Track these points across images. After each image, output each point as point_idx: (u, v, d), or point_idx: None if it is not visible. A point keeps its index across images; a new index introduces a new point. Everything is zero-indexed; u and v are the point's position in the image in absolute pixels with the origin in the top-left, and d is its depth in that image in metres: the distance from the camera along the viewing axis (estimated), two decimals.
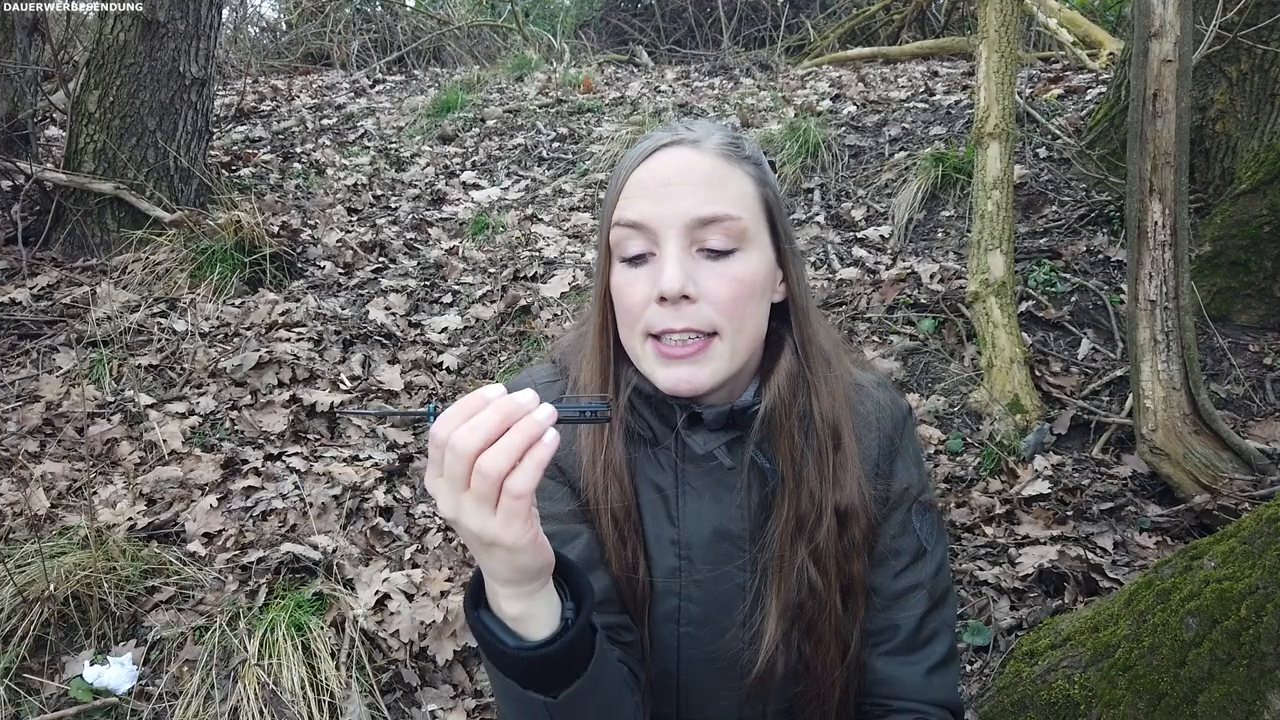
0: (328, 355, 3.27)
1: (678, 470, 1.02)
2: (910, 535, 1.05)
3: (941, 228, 3.75)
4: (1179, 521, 2.25)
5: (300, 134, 5.77)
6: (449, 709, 1.99)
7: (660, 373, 0.95)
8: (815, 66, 6.79)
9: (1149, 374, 2.33)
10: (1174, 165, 2.28)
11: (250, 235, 3.74)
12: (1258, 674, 1.21)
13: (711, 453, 1.00)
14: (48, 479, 2.55)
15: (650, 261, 0.94)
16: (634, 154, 0.99)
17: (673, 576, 1.02)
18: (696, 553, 1.01)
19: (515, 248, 4.03)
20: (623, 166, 0.99)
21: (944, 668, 1.05)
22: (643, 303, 0.94)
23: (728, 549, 1.01)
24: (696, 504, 1.02)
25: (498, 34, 8.69)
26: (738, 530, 1.01)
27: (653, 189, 0.94)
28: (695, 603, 1.02)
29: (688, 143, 0.96)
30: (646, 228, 0.93)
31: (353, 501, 2.51)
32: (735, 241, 0.93)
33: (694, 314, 0.92)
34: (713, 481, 1.02)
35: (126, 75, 3.89)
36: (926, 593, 1.04)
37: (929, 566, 1.05)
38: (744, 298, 0.94)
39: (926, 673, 1.03)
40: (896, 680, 1.04)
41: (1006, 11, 3.19)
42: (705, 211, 0.92)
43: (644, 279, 0.94)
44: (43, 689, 1.94)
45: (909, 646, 1.04)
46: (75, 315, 3.39)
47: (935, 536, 1.07)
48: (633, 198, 0.95)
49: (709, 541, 1.01)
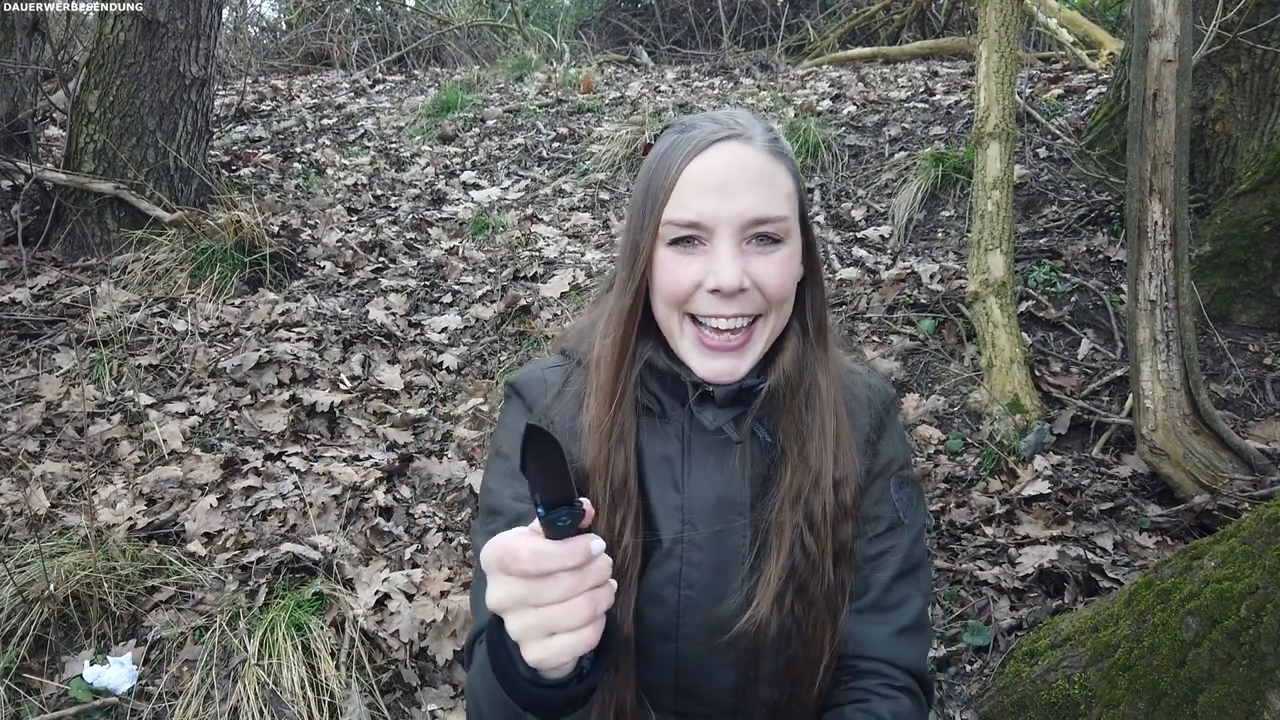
0: (328, 355, 3.27)
1: (685, 441, 1.08)
2: (888, 504, 1.10)
3: (941, 228, 3.75)
4: (1179, 521, 2.24)
5: (300, 134, 5.77)
6: (449, 709, 1.99)
7: (700, 362, 1.02)
8: (815, 66, 6.79)
9: (1149, 374, 2.33)
10: (1174, 165, 2.28)
11: (250, 235, 3.74)
12: (1258, 674, 1.21)
13: (720, 428, 1.06)
14: (48, 479, 2.55)
15: (699, 249, 0.99)
16: (680, 146, 1.00)
17: (676, 541, 1.06)
18: (699, 517, 1.06)
19: (515, 248, 4.03)
20: (669, 157, 1.00)
21: (913, 633, 1.08)
22: (690, 288, 0.99)
23: (729, 515, 1.06)
24: (701, 473, 1.07)
25: (498, 34, 8.69)
26: (739, 498, 1.06)
27: (711, 187, 0.97)
28: (696, 566, 1.06)
29: (741, 138, 1.00)
30: (704, 225, 0.98)
31: (353, 501, 2.50)
32: (781, 235, 1.00)
33: (745, 302, 0.99)
34: (717, 452, 1.07)
35: (126, 75, 3.89)
36: (900, 558, 1.09)
37: (905, 536, 1.10)
38: (787, 285, 1.02)
39: (894, 634, 1.07)
40: (864, 638, 1.07)
41: (1006, 11, 3.19)
42: (761, 212, 0.98)
43: (694, 266, 0.99)
44: (43, 689, 1.94)
45: (878, 606, 1.08)
46: (75, 315, 3.39)
47: (913, 510, 1.11)
48: (689, 194, 0.98)
49: (712, 507, 1.06)
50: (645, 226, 1.01)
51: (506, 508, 1.08)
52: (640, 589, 1.06)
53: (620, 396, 1.05)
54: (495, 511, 1.09)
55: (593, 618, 0.71)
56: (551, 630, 0.71)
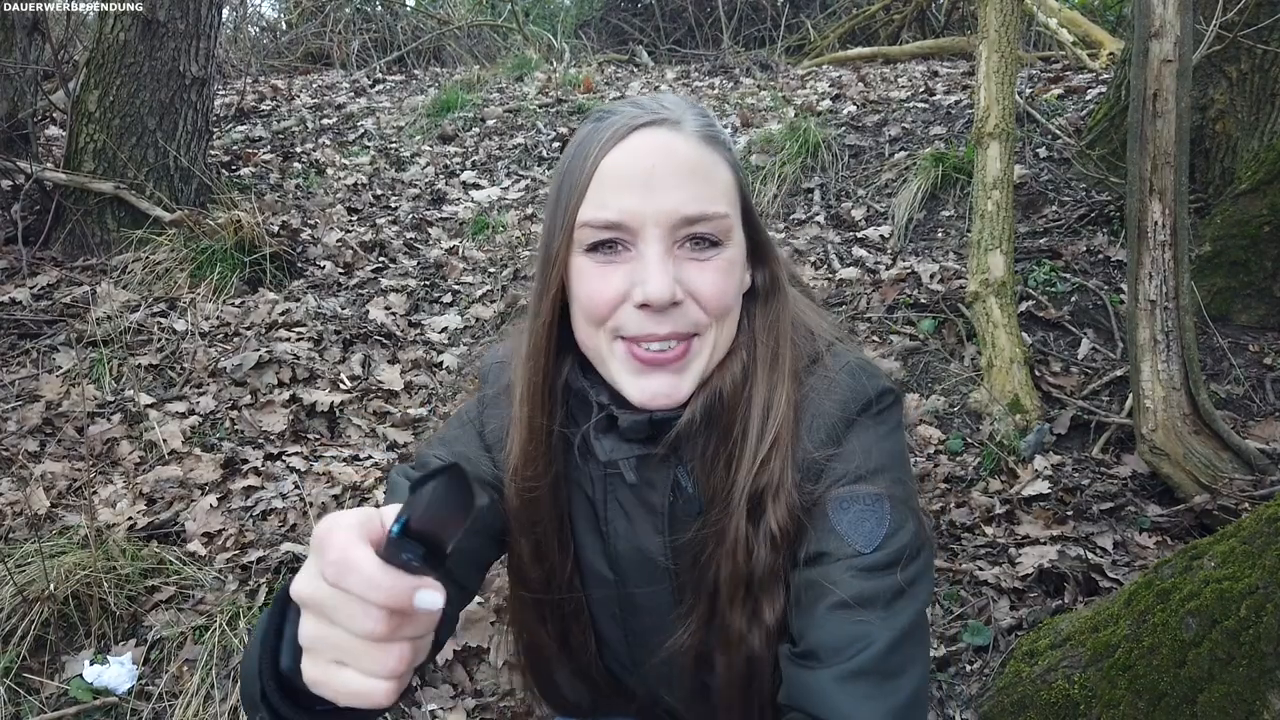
0: (328, 355, 3.27)
1: (605, 483, 0.95)
2: (827, 531, 0.86)
3: (941, 228, 3.75)
4: (1179, 521, 2.24)
5: (300, 134, 5.77)
6: (449, 709, 1.99)
7: (633, 384, 0.86)
8: (815, 66, 6.79)
9: (1149, 374, 2.33)
10: (1174, 165, 2.28)
11: (250, 235, 3.74)
12: (1258, 674, 1.21)
13: (615, 462, 0.91)
14: (48, 479, 2.55)
15: (622, 255, 0.84)
16: (601, 132, 0.85)
17: (604, 584, 0.98)
18: (625, 568, 0.97)
19: (515, 247, 4.03)
20: (584, 148, 0.85)
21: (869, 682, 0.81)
22: (614, 302, 0.84)
23: (653, 571, 0.95)
24: (621, 521, 0.95)
25: (498, 34, 8.69)
26: (661, 559, 0.94)
27: (633, 180, 0.82)
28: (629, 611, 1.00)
29: (668, 124, 0.85)
30: (626, 226, 0.83)
31: (353, 501, 2.50)
32: (720, 236, 0.85)
33: (679, 317, 0.84)
34: (635, 501, 0.94)
35: (126, 75, 3.89)
36: (845, 589, 0.83)
37: (854, 564, 0.84)
38: (729, 294, 0.86)
39: (836, 681, 0.81)
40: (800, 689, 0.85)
41: (1006, 11, 3.19)
42: (694, 209, 0.83)
43: (617, 276, 0.84)
44: (43, 689, 1.94)
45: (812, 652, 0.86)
46: (75, 315, 3.39)
47: (876, 536, 0.85)
48: (609, 189, 0.83)
49: (636, 561, 0.96)
50: (558, 230, 0.86)
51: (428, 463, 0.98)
52: (584, 597, 1.03)
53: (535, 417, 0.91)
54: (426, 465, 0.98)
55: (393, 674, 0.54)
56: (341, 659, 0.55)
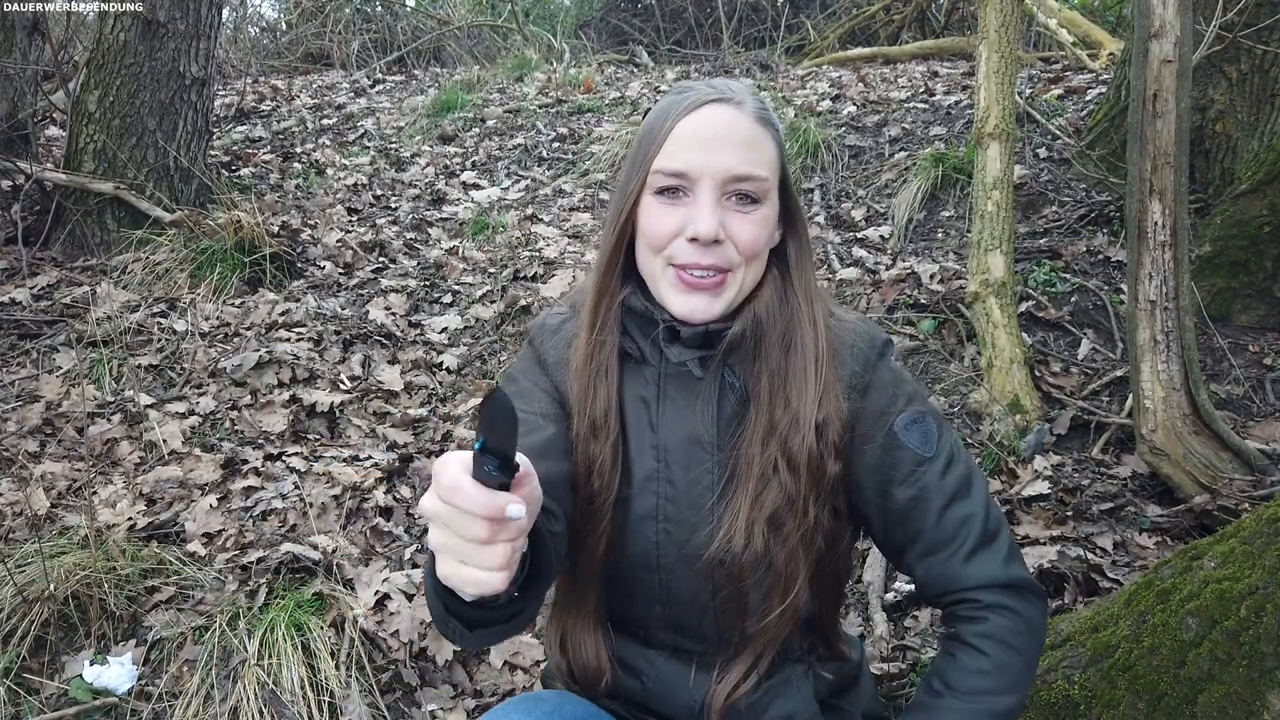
0: (328, 355, 3.27)
1: (660, 383, 1.15)
2: (902, 449, 1.12)
3: (941, 228, 3.75)
4: (1179, 522, 2.24)
5: (300, 134, 5.77)
6: (449, 709, 1.99)
7: (677, 299, 1.07)
8: (815, 66, 6.79)
9: (1149, 374, 2.33)
10: (1174, 165, 2.28)
11: (250, 235, 3.74)
12: (1258, 674, 1.21)
13: (684, 363, 1.12)
14: (48, 479, 2.55)
15: (682, 200, 1.06)
16: (675, 104, 1.07)
17: (651, 478, 1.13)
18: (672, 455, 1.13)
19: (515, 248, 4.03)
20: (664, 113, 1.08)
21: (983, 550, 1.10)
22: (670, 235, 1.06)
23: (698, 453, 1.12)
24: (673, 412, 1.14)
25: (498, 34, 8.69)
26: (706, 436, 1.12)
27: (699, 141, 1.04)
28: (671, 500, 1.13)
29: (732, 102, 1.07)
30: (689, 176, 1.05)
31: (353, 501, 2.50)
32: (760, 195, 1.07)
33: (720, 253, 1.05)
34: (688, 394, 1.13)
35: (126, 75, 3.89)
36: (938, 492, 1.11)
37: (932, 471, 1.11)
38: (760, 241, 1.08)
39: (964, 561, 1.10)
40: (938, 577, 1.12)
41: (1006, 11, 3.19)
42: (743, 170, 1.05)
43: (675, 215, 1.06)
44: (43, 689, 1.94)
45: (936, 545, 1.11)
46: (75, 315, 3.39)
47: (933, 442, 1.12)
48: (679, 146, 1.05)
49: (682, 445, 1.13)
50: (635, 173, 1.09)
51: None
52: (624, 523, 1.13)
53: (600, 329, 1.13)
54: None
55: (501, 567, 0.71)
56: (464, 559, 0.72)
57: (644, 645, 1.22)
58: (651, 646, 1.21)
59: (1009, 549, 1.12)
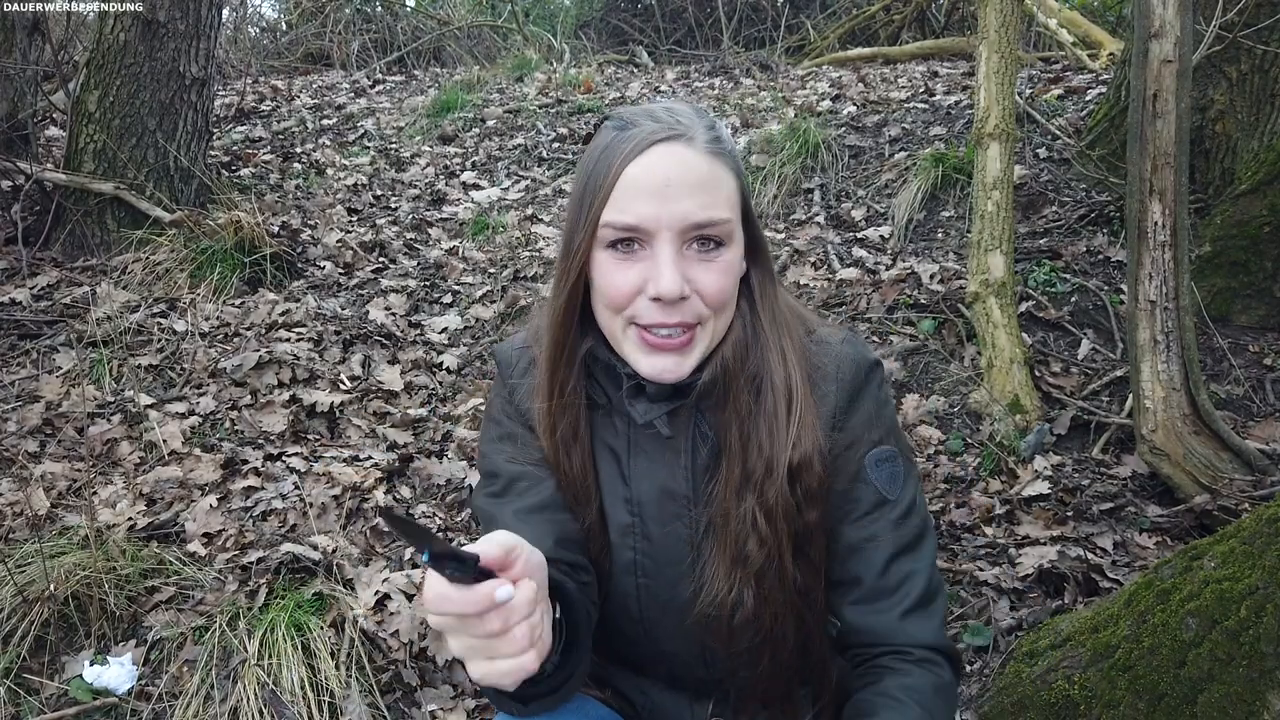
0: (328, 355, 3.27)
1: (629, 432, 1.09)
2: (866, 485, 1.06)
3: (941, 228, 3.75)
4: (1179, 522, 2.24)
5: (300, 134, 5.77)
6: (449, 709, 1.99)
7: (644, 360, 1.00)
8: (815, 67, 6.79)
9: (1149, 374, 2.33)
10: (1174, 165, 2.28)
11: (250, 235, 3.74)
12: (1258, 674, 1.21)
13: (651, 422, 1.05)
14: (48, 479, 2.55)
15: (638, 253, 0.97)
16: (618, 144, 0.97)
17: (627, 532, 1.10)
18: (647, 510, 1.09)
19: (515, 248, 4.03)
20: (608, 156, 0.97)
21: (921, 611, 1.05)
22: (630, 294, 0.97)
23: (673, 507, 1.08)
24: (645, 465, 1.08)
25: (498, 34, 8.69)
26: (681, 490, 1.07)
27: (651, 190, 0.95)
28: (648, 556, 1.09)
29: (683, 139, 0.96)
30: (643, 230, 0.95)
31: (353, 501, 2.50)
32: (724, 238, 0.98)
33: (686, 309, 0.97)
34: (660, 445, 1.08)
35: (126, 75, 3.89)
36: (891, 538, 1.06)
37: (890, 515, 1.06)
38: (728, 290, 1.00)
39: (900, 617, 1.05)
40: (870, 629, 1.07)
41: (1006, 11, 3.19)
42: (702, 216, 0.95)
43: (634, 271, 0.97)
44: (43, 689, 1.94)
45: (875, 594, 1.06)
46: (75, 315, 3.39)
47: (900, 484, 1.07)
48: (628, 197, 0.95)
49: (656, 499, 1.08)
50: (582, 226, 0.98)
51: (502, 469, 1.11)
52: (608, 571, 1.11)
53: (559, 394, 1.06)
54: (493, 474, 1.13)
55: (526, 649, 0.70)
56: (490, 655, 0.71)
57: (637, 674, 1.21)
58: (645, 676, 1.20)
59: (943, 615, 1.08)
